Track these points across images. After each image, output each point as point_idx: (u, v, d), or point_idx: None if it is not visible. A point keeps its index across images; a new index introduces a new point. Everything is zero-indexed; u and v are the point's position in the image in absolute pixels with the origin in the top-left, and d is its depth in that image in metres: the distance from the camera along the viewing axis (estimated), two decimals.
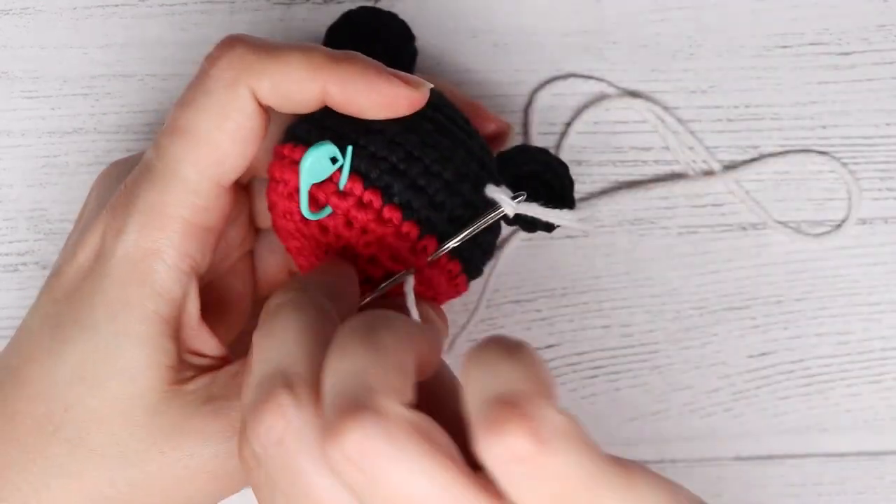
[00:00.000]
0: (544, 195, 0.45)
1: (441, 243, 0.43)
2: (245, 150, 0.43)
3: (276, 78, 0.42)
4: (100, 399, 0.42)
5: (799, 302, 0.55)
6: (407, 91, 0.42)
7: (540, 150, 0.46)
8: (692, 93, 0.54)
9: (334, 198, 0.43)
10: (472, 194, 0.44)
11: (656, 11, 0.54)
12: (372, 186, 0.43)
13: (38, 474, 0.43)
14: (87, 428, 0.43)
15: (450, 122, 0.44)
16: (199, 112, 0.42)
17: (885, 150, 0.54)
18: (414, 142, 0.43)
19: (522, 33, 0.54)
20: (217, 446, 0.43)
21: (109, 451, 0.43)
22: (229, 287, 0.49)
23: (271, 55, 0.42)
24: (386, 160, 0.43)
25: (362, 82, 0.42)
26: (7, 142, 0.54)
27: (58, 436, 0.43)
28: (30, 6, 0.53)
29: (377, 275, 0.44)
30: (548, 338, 0.56)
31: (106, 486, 0.43)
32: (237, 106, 0.42)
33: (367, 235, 0.43)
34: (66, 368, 0.43)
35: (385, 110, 0.42)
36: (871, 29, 0.54)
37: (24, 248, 0.54)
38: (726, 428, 0.56)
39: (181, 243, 0.43)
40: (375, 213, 0.43)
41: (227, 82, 0.42)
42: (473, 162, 0.44)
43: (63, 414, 0.43)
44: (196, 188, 0.42)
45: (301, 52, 0.42)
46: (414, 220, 0.43)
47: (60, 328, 0.43)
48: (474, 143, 0.45)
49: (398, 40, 0.49)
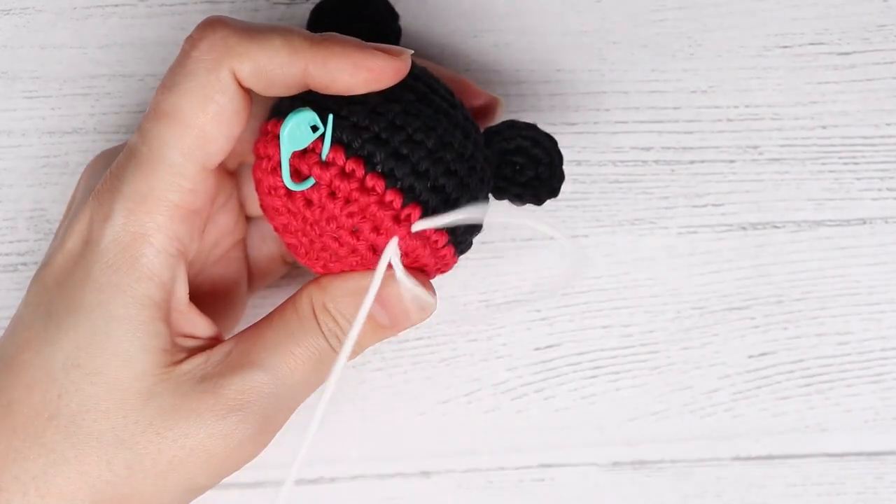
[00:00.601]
0: (533, 170, 0.45)
1: (426, 212, 0.43)
2: (229, 131, 0.43)
3: (258, 60, 0.42)
4: (95, 385, 0.43)
5: (799, 302, 0.55)
6: (389, 61, 0.42)
7: (528, 125, 0.46)
8: (692, 93, 0.54)
9: (317, 168, 0.43)
10: (457, 163, 0.44)
11: (656, 11, 0.54)
12: (354, 156, 0.43)
13: (35, 461, 0.43)
14: (83, 414, 0.43)
15: (432, 92, 0.45)
16: (182, 95, 0.42)
17: (885, 150, 0.54)
18: (396, 111, 0.43)
19: (522, 33, 0.54)
20: (212, 425, 0.43)
21: (106, 435, 0.43)
22: (222, 276, 0.49)
23: (252, 38, 0.42)
24: (368, 129, 0.43)
25: (343, 60, 0.42)
26: (7, 142, 0.54)
27: (54, 423, 0.43)
28: (30, 6, 0.53)
29: (361, 248, 0.44)
30: (548, 338, 0.56)
31: (104, 471, 0.43)
32: (219, 88, 0.42)
33: (350, 205, 0.43)
34: (60, 355, 0.43)
35: (369, 84, 0.42)
36: (871, 29, 0.54)
37: (24, 248, 0.54)
38: (726, 428, 0.56)
39: (168, 226, 0.43)
40: (359, 182, 0.43)
41: (209, 64, 0.42)
42: (458, 131, 0.44)
43: (58, 401, 0.43)
44: (182, 171, 0.43)
45: (281, 34, 0.42)
46: (397, 189, 0.43)
47: (52, 316, 0.43)
48: (458, 113, 0.45)
49: (382, 19, 0.49)
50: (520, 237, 0.55)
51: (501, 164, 0.46)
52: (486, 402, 0.56)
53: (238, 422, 0.43)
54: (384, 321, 0.45)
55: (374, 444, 0.56)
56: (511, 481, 0.56)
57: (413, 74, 0.44)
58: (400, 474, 0.56)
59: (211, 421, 0.43)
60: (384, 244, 0.44)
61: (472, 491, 0.56)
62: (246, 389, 0.43)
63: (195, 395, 0.43)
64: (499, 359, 0.56)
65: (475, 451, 0.55)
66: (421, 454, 0.56)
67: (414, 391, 0.55)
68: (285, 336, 0.44)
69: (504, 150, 0.46)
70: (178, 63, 0.43)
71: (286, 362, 0.44)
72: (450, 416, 0.55)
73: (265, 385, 0.44)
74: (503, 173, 0.46)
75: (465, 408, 0.55)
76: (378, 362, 0.56)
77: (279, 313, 0.45)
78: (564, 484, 0.56)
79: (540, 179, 0.46)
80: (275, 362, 0.44)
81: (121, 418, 0.43)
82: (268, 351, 0.44)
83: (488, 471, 0.56)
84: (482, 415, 0.55)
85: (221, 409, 0.43)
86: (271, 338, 0.44)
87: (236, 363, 0.44)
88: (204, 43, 0.42)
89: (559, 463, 0.56)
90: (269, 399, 0.44)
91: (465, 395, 0.55)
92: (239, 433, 0.43)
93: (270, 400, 0.44)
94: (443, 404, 0.55)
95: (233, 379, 0.43)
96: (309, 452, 0.44)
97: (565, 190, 0.54)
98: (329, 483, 0.56)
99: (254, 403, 0.43)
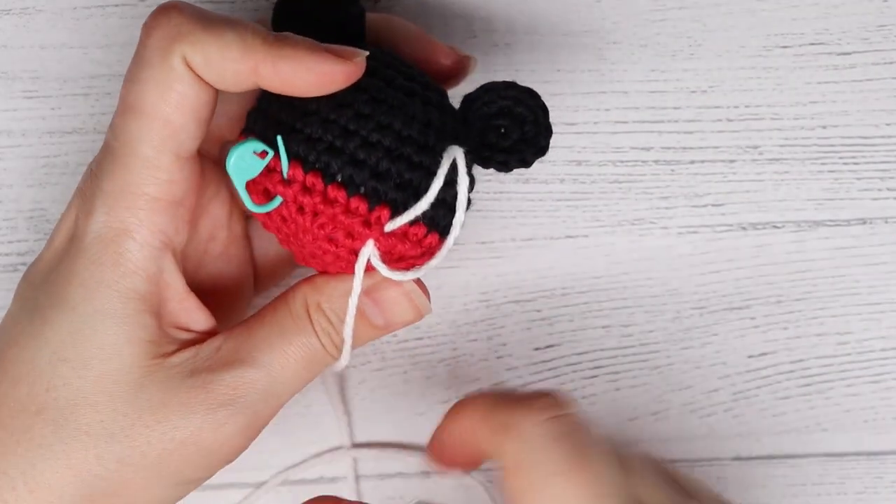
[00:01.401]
0: (518, 130, 0.44)
1: (395, 210, 0.43)
2: (196, 118, 0.43)
3: (209, 52, 0.42)
4: (82, 378, 0.43)
5: (799, 302, 0.55)
6: (340, 66, 0.42)
7: (507, 83, 0.45)
8: (692, 93, 0.54)
9: (280, 186, 0.43)
10: (420, 154, 0.43)
11: (656, 11, 0.54)
12: (312, 169, 0.43)
13: (23, 456, 0.43)
14: (72, 407, 0.43)
15: (388, 83, 0.44)
16: (142, 86, 0.42)
17: (885, 150, 0.54)
18: (349, 116, 0.43)
19: (522, 33, 0.54)
20: (202, 418, 0.43)
21: (95, 428, 0.43)
22: (223, 273, 0.49)
23: (206, 28, 0.42)
24: (321, 140, 0.43)
25: (293, 63, 0.42)
26: (7, 142, 0.54)
27: (42, 416, 0.43)
28: (30, 6, 0.53)
29: (342, 253, 0.44)
30: (548, 338, 0.56)
31: (94, 465, 0.43)
32: (175, 76, 0.42)
33: (319, 217, 0.43)
34: (46, 349, 0.43)
35: (320, 88, 0.42)
36: (871, 29, 0.54)
37: (24, 248, 0.54)
38: (726, 428, 0.56)
39: (150, 220, 0.43)
40: (321, 195, 0.43)
41: (162, 52, 0.42)
42: (418, 118, 0.43)
43: (45, 395, 0.43)
44: (156, 163, 0.43)
45: (235, 29, 0.42)
46: (360, 195, 0.43)
47: (39, 311, 0.44)
48: (418, 95, 0.44)
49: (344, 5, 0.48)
50: (520, 237, 0.55)
51: (484, 131, 0.44)
52: None
53: (228, 416, 0.43)
54: (378, 321, 0.45)
55: (374, 444, 0.56)
56: None
57: (369, 71, 0.43)
58: (400, 474, 0.56)
59: (201, 415, 0.43)
60: (361, 247, 0.44)
61: (472, 491, 0.56)
62: (237, 385, 0.43)
63: (185, 388, 0.43)
64: (499, 359, 0.56)
65: None
66: (420, 454, 0.56)
67: (414, 391, 0.55)
68: (278, 334, 0.44)
69: (485, 115, 0.44)
70: (137, 53, 0.43)
71: (278, 360, 0.44)
72: None
73: (256, 381, 0.44)
74: (487, 140, 0.44)
75: None
76: (378, 362, 0.56)
77: (271, 311, 0.45)
78: None
79: (525, 140, 0.45)
80: (267, 359, 0.44)
81: (109, 411, 0.43)
82: (259, 348, 0.44)
83: (488, 471, 0.56)
84: None
85: (212, 404, 0.43)
86: (263, 335, 0.44)
87: (227, 358, 0.44)
88: (157, 31, 0.42)
89: None
90: (259, 395, 0.44)
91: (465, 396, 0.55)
92: (228, 427, 0.43)
93: (261, 396, 0.44)
94: (443, 404, 0.55)
95: (223, 374, 0.44)
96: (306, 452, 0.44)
97: (565, 190, 0.54)
98: (329, 483, 0.56)
99: (244, 399, 0.44)
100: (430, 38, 0.48)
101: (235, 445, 0.44)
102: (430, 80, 0.45)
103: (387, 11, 0.53)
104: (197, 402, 0.43)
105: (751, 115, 0.54)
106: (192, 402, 0.43)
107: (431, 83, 0.45)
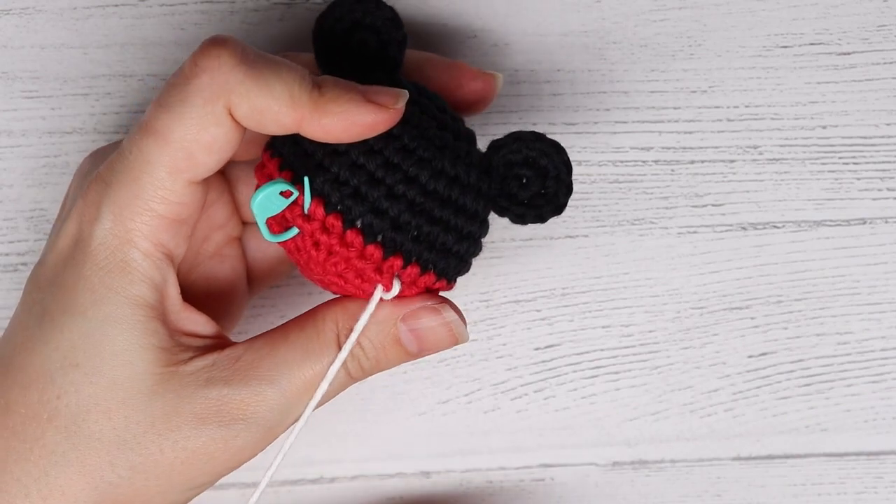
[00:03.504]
0: (539, 183, 0.44)
1: (408, 261, 0.43)
2: (219, 156, 0.43)
3: (255, 105, 0.42)
4: (94, 384, 0.43)
5: (799, 302, 0.55)
6: (382, 115, 0.42)
7: (535, 134, 0.45)
8: (692, 93, 0.54)
9: (300, 220, 0.43)
10: (442, 210, 0.44)
11: (656, 11, 0.54)
12: (334, 211, 0.43)
13: (36, 463, 0.43)
14: (84, 414, 0.43)
15: (420, 134, 0.44)
16: (175, 118, 0.42)
17: (885, 150, 0.54)
18: (378, 163, 0.43)
19: (522, 33, 0.54)
20: (215, 431, 0.43)
21: (107, 435, 0.43)
22: (216, 273, 0.49)
23: (255, 79, 0.42)
24: (347, 184, 0.43)
25: (339, 117, 0.42)
26: (7, 142, 0.54)
27: (54, 423, 0.43)
28: (30, 6, 0.53)
29: (350, 289, 0.44)
30: (548, 338, 0.56)
31: (107, 472, 0.43)
32: (214, 121, 0.42)
33: (333, 256, 0.43)
34: (56, 355, 0.43)
35: (360, 136, 0.42)
36: (871, 29, 0.54)
37: (24, 248, 0.54)
38: (726, 428, 0.56)
39: (153, 233, 0.43)
40: (339, 238, 0.43)
41: (207, 98, 0.42)
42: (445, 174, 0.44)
43: (56, 401, 0.43)
44: (169, 187, 0.43)
45: (282, 82, 0.42)
46: (377, 244, 0.43)
47: (48, 315, 0.43)
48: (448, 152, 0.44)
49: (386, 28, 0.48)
50: (520, 237, 0.55)
51: (506, 179, 0.45)
52: (486, 402, 0.56)
53: (240, 431, 0.43)
54: (412, 348, 0.45)
55: (374, 444, 0.56)
56: (511, 481, 0.56)
57: (405, 112, 0.43)
58: (400, 474, 0.56)
59: (214, 427, 0.43)
60: (370, 289, 0.44)
61: (472, 491, 0.56)
62: (253, 402, 0.43)
63: (199, 399, 0.43)
64: (499, 359, 0.56)
65: (475, 451, 0.55)
66: (421, 454, 0.56)
67: (414, 391, 0.55)
68: (302, 355, 0.44)
69: (509, 163, 0.45)
70: (177, 85, 0.43)
71: (298, 381, 0.44)
72: (450, 416, 0.55)
73: (273, 400, 0.43)
74: (508, 189, 0.45)
75: (465, 408, 0.55)
76: None
77: (297, 329, 0.45)
78: (564, 484, 0.56)
79: (545, 195, 0.45)
80: (287, 380, 0.44)
81: (122, 418, 0.43)
82: (280, 368, 0.44)
83: (488, 471, 0.56)
84: (482, 415, 0.55)
85: (225, 417, 0.43)
86: (286, 354, 0.44)
87: (245, 373, 0.44)
88: (206, 75, 0.42)
89: (559, 463, 0.56)
90: (274, 413, 0.44)
91: (465, 395, 0.55)
92: (240, 441, 0.43)
93: (276, 414, 0.44)
94: (443, 404, 0.55)
95: (240, 389, 0.43)
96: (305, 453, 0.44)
97: None
98: (329, 483, 0.56)
99: (259, 416, 0.43)
100: (456, 62, 0.48)
101: (246, 456, 0.44)
102: (461, 124, 0.46)
103: None
104: (210, 415, 0.43)
105: (751, 115, 0.54)
106: (206, 413, 0.43)
107: (462, 130, 0.45)
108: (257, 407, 0.43)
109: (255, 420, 0.43)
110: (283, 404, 0.44)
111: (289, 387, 0.44)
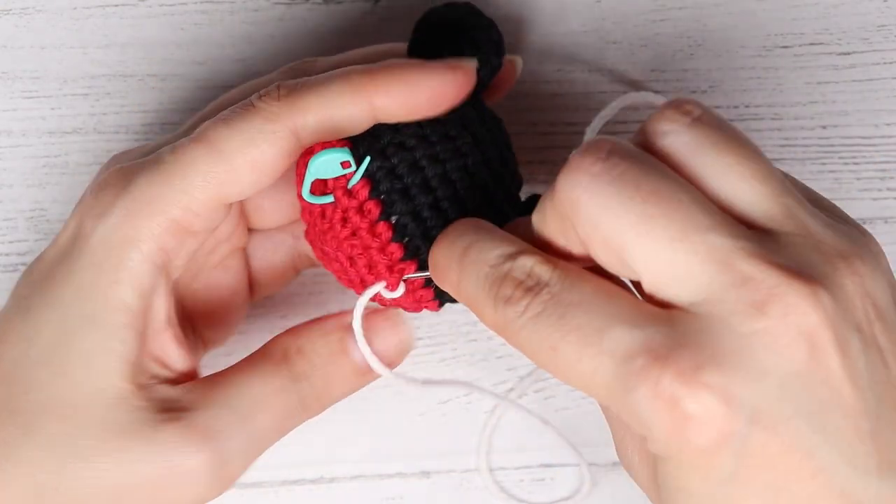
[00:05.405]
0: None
1: (419, 268, 0.44)
2: (259, 180, 0.43)
3: (320, 108, 0.42)
4: (56, 386, 0.42)
5: None
6: (451, 76, 0.42)
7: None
8: (692, 93, 0.54)
9: (339, 192, 0.43)
10: None
11: (656, 11, 0.54)
12: (377, 198, 0.43)
13: None
14: (45, 414, 0.42)
15: (482, 156, 0.45)
16: (230, 131, 0.42)
17: (885, 150, 0.54)
18: (436, 171, 0.44)
19: (522, 33, 0.54)
20: (168, 457, 0.42)
21: (61, 440, 0.42)
22: (219, 282, 0.49)
23: (311, 88, 0.42)
24: (401, 180, 0.43)
25: (405, 84, 0.42)
26: (7, 142, 0.54)
27: (14, 419, 0.42)
28: (30, 6, 0.53)
29: (352, 276, 0.45)
30: None
31: (53, 476, 0.42)
32: (270, 139, 0.42)
33: (354, 238, 0.44)
34: (34, 350, 0.43)
35: (437, 105, 0.43)
36: (871, 29, 0.54)
37: (24, 248, 0.54)
38: None
39: (160, 237, 0.43)
40: (369, 224, 0.43)
41: (268, 116, 0.42)
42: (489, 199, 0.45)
43: (23, 397, 0.42)
44: (197, 194, 0.43)
45: (338, 74, 0.43)
46: (402, 244, 0.43)
47: (31, 310, 0.43)
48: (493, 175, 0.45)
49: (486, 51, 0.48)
50: None
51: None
52: (487, 402, 0.56)
53: (198, 461, 0.42)
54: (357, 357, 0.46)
55: (374, 444, 0.56)
56: (511, 481, 0.56)
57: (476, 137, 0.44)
58: (400, 474, 0.56)
59: (167, 453, 0.42)
60: (372, 283, 0.44)
61: (471, 491, 0.56)
62: (210, 427, 0.43)
63: (157, 423, 0.42)
64: (499, 359, 0.56)
65: (475, 451, 0.55)
66: (421, 454, 0.56)
67: (414, 391, 0.55)
68: (258, 381, 0.44)
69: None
70: (241, 107, 0.43)
71: (254, 405, 0.44)
72: (450, 416, 0.55)
73: (230, 425, 0.43)
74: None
75: (465, 408, 0.55)
76: None
77: (250, 360, 0.45)
78: (564, 484, 0.56)
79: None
80: (244, 405, 0.43)
81: (79, 426, 0.42)
82: (235, 395, 0.44)
83: (488, 471, 0.56)
84: (482, 415, 0.55)
85: (180, 444, 0.42)
86: (241, 381, 0.44)
87: (203, 400, 0.43)
88: (267, 97, 0.43)
89: (559, 463, 0.56)
90: (232, 441, 0.43)
91: (465, 395, 0.55)
92: (196, 472, 0.42)
93: (234, 442, 0.43)
94: (443, 404, 0.55)
95: (197, 415, 0.43)
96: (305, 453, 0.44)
97: None
98: (329, 483, 0.56)
99: (216, 443, 0.43)
100: None
101: (199, 491, 0.43)
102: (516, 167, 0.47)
103: (388, 13, 0.53)
104: (163, 440, 0.42)
105: (751, 115, 0.54)
106: (160, 438, 0.42)
107: (516, 172, 0.47)
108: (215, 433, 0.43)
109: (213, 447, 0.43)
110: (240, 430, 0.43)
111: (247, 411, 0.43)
